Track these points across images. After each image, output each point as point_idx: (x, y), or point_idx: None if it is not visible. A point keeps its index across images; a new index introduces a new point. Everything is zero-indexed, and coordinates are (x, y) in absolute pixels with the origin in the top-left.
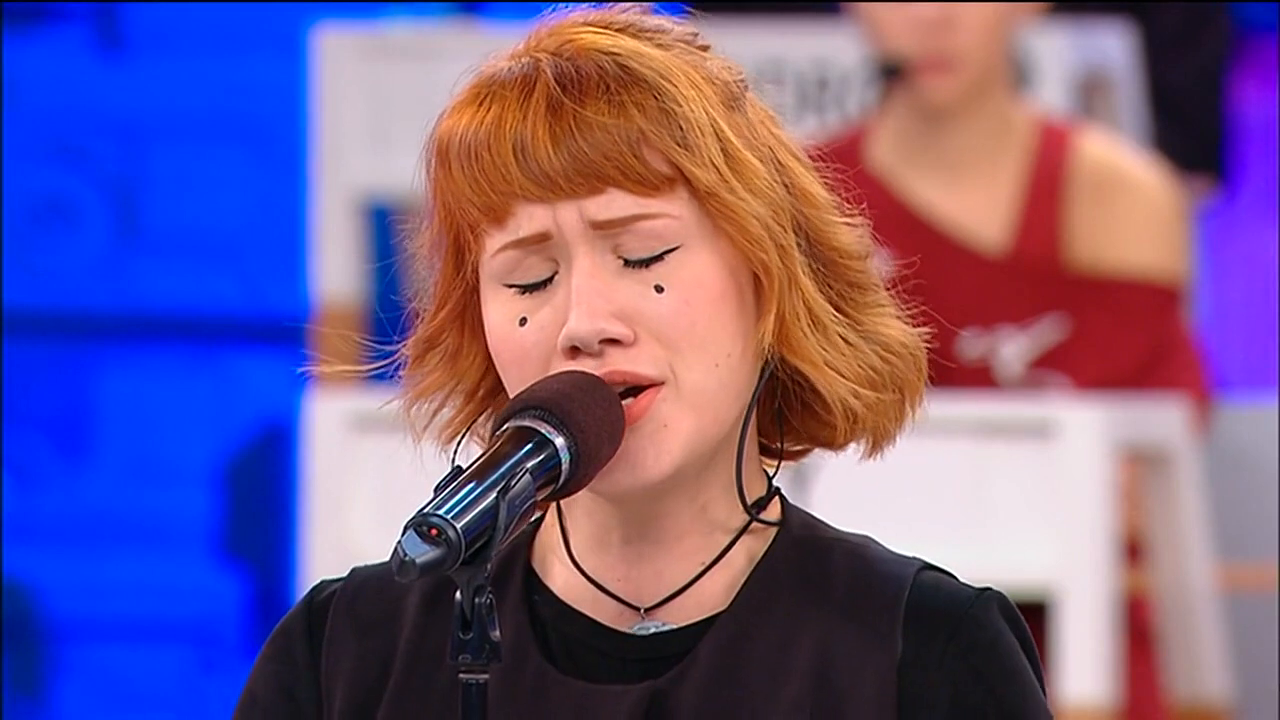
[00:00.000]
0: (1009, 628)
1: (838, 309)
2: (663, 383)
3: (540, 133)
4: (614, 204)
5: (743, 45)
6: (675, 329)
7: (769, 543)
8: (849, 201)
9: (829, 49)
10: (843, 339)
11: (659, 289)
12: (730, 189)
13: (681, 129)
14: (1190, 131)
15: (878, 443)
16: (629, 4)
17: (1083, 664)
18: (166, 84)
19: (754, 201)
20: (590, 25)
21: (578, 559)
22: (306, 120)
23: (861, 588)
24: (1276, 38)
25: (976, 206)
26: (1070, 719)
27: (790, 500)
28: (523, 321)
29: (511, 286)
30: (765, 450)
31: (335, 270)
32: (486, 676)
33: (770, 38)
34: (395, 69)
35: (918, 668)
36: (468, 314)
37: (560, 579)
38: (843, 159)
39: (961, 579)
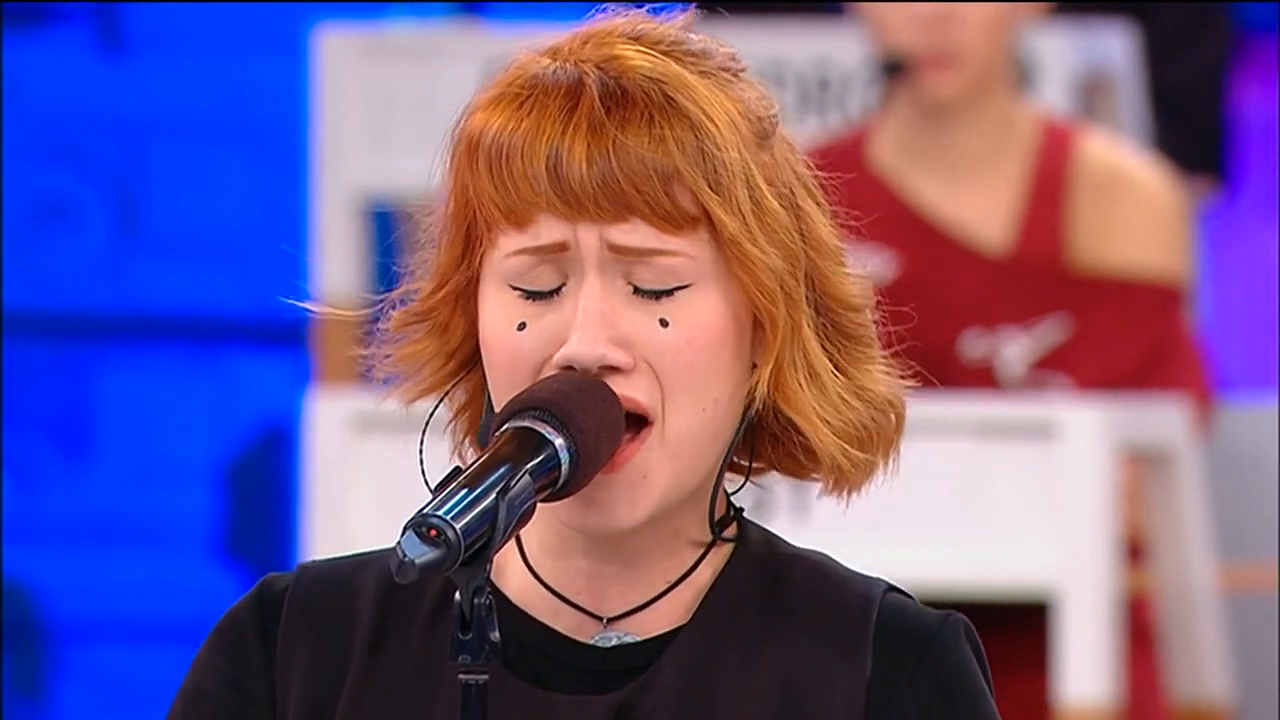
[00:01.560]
0: (974, 651)
1: (835, 363)
2: (651, 422)
3: (578, 151)
4: (635, 233)
5: (744, 45)
6: (674, 365)
7: (727, 558)
8: (850, 204)
9: (830, 49)
10: (838, 395)
11: (664, 322)
12: (753, 239)
13: (716, 172)
14: (1191, 132)
15: (840, 486)
16: (656, 7)
17: (1084, 664)
18: (167, 84)
19: (772, 253)
20: (637, 42)
21: (534, 566)
22: (307, 121)
23: (827, 605)
24: (1277, 38)
25: (979, 207)
26: (1071, 719)
27: (790, 501)
28: (522, 326)
29: (517, 290)
30: (731, 466)
31: (336, 270)
32: (486, 677)
33: (771, 38)
34: (396, 69)
35: (887, 688)
36: (463, 298)
37: (515, 584)
38: (845, 159)
39: (951, 584)
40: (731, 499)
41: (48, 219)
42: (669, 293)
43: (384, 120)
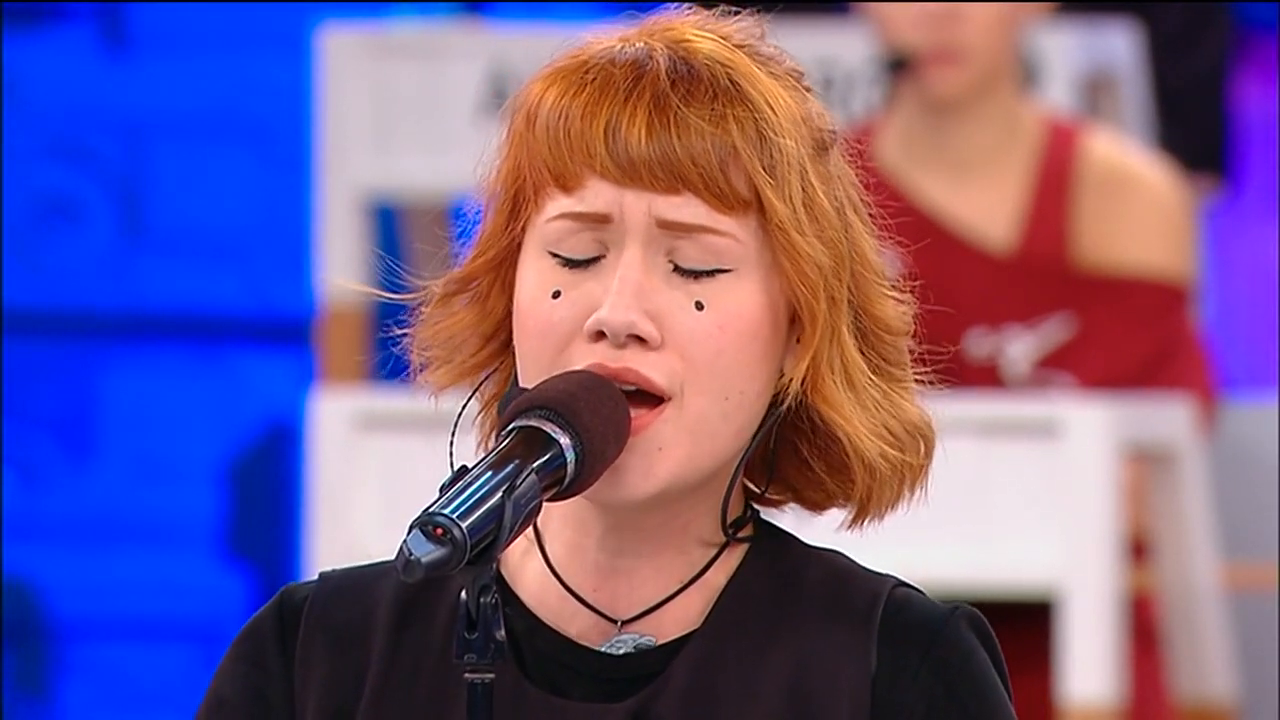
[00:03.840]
0: (981, 645)
1: (870, 376)
2: (669, 399)
3: (639, 119)
4: (686, 208)
5: None
6: (702, 350)
7: (741, 560)
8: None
9: (834, 47)
10: (874, 403)
11: (699, 306)
12: (800, 230)
13: (772, 158)
14: (1193, 131)
15: (864, 516)
16: (677, 7)
17: (1088, 663)
18: (171, 83)
19: (820, 248)
20: (709, 33)
21: (556, 565)
22: (311, 119)
23: (836, 602)
24: (1277, 37)
25: (984, 205)
26: (1075, 718)
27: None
28: (556, 294)
29: (556, 257)
30: (748, 493)
31: (340, 269)
32: (492, 676)
33: (774, 37)
34: (400, 68)
35: (892, 681)
36: (504, 268)
37: (532, 588)
38: (848, 158)
39: (955, 582)
40: (750, 501)
41: (51, 217)
42: (709, 274)
43: (387, 119)
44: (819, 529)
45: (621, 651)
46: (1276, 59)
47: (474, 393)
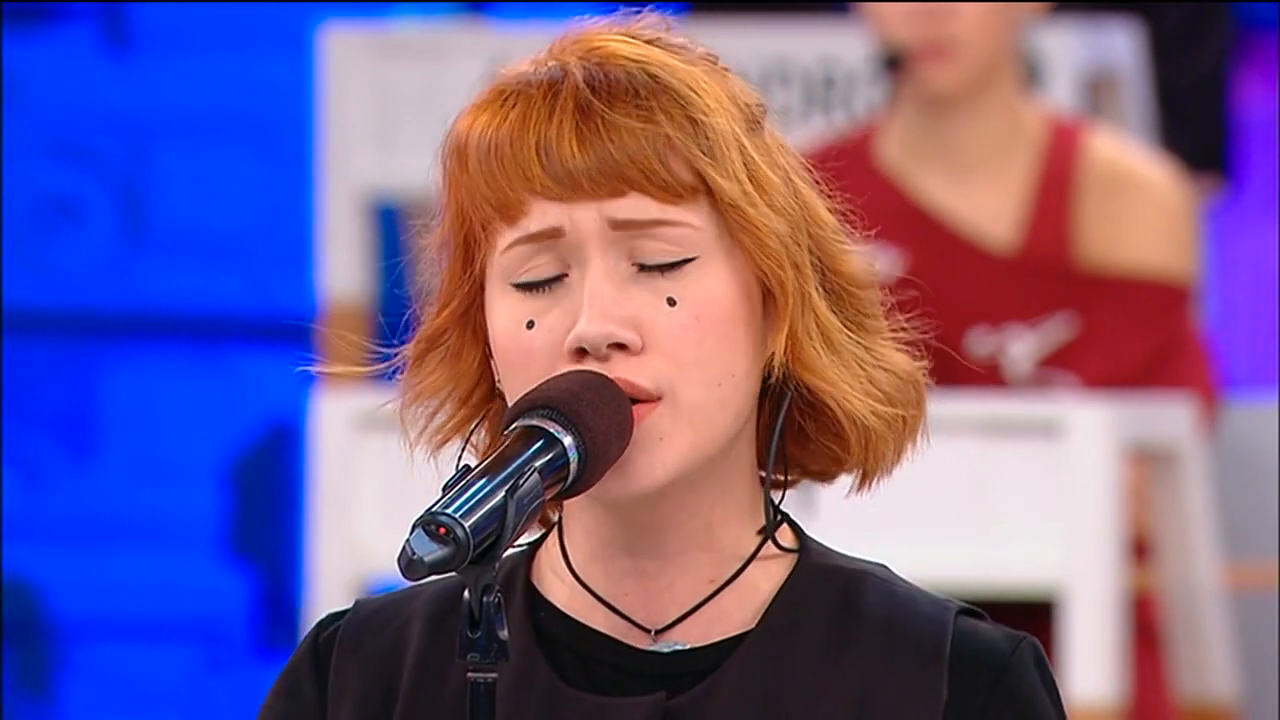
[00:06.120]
0: (1042, 676)
1: (849, 333)
2: (660, 398)
3: (566, 132)
4: (635, 207)
5: (748, 45)
6: (683, 345)
7: (792, 568)
8: (857, 203)
9: (835, 48)
10: (856, 361)
11: (671, 302)
12: (752, 202)
13: (708, 139)
14: (1195, 131)
15: (870, 475)
16: (646, 12)
17: (1089, 663)
18: (172, 83)
19: (774, 218)
20: (616, 35)
21: (582, 576)
22: (313, 119)
23: (901, 627)
24: (1278, 36)
25: (986, 205)
26: (1077, 718)
27: (795, 497)
28: (530, 324)
29: (519, 288)
30: (760, 480)
31: (342, 269)
32: (495, 675)
33: (776, 37)
34: (402, 68)
35: (961, 713)
36: (471, 315)
37: (564, 597)
38: (851, 158)
39: (956, 582)
40: (780, 505)
41: (53, 217)
42: (675, 267)
43: (389, 118)
44: (821, 527)
45: (668, 651)
46: (1277, 59)
47: (465, 445)
